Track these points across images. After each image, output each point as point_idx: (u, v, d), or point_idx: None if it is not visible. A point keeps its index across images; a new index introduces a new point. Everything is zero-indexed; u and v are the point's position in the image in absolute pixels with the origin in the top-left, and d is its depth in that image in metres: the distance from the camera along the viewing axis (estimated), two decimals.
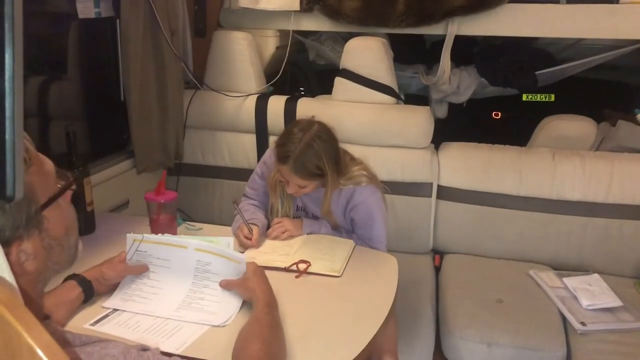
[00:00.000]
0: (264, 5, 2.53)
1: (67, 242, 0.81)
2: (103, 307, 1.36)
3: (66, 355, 0.56)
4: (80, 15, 2.03)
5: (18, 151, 0.55)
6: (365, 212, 1.82)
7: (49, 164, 0.79)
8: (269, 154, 1.96)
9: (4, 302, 0.52)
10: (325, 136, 1.73)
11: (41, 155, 0.77)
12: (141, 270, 1.44)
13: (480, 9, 2.38)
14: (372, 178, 1.85)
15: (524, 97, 3.43)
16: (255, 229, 1.75)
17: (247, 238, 1.73)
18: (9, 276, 0.61)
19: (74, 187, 0.82)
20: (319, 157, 1.69)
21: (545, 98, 3.46)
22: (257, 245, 1.74)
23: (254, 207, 1.95)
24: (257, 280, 1.34)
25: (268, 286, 1.35)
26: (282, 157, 1.70)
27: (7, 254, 0.68)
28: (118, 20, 2.20)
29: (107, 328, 1.28)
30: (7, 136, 0.54)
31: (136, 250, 1.44)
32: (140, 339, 1.24)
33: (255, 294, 1.30)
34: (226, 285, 1.39)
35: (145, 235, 1.45)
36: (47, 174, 0.77)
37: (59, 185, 0.80)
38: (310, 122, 1.75)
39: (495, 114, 4.11)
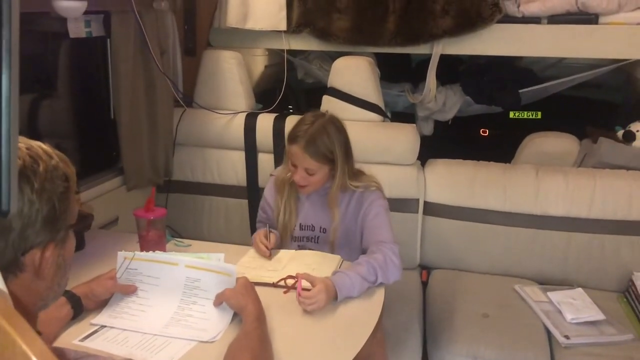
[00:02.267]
0: (251, 25, 2.58)
1: (65, 276, 0.86)
2: (91, 324, 1.36)
3: None
4: (71, 35, 2.05)
5: (13, 167, 0.58)
6: (376, 213, 1.82)
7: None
8: (268, 187, 1.98)
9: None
10: (338, 124, 1.80)
11: None
12: (130, 290, 1.44)
13: (467, 31, 2.44)
14: (380, 187, 1.89)
15: (511, 115, 3.48)
16: (272, 235, 1.83)
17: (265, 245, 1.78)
18: (2, 286, 0.63)
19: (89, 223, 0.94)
20: (330, 139, 1.73)
21: (532, 115, 3.51)
22: (269, 252, 1.79)
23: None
24: (248, 294, 1.35)
25: (258, 301, 1.36)
26: (294, 136, 1.73)
27: (33, 254, 0.76)
28: (109, 40, 2.23)
29: (96, 344, 1.29)
30: (4, 153, 0.56)
31: (127, 268, 1.44)
32: (129, 354, 1.25)
33: (247, 309, 1.31)
34: (218, 298, 1.39)
35: (136, 253, 1.46)
36: (75, 202, 0.85)
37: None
38: (323, 113, 1.82)
39: (482, 131, 4.17)
